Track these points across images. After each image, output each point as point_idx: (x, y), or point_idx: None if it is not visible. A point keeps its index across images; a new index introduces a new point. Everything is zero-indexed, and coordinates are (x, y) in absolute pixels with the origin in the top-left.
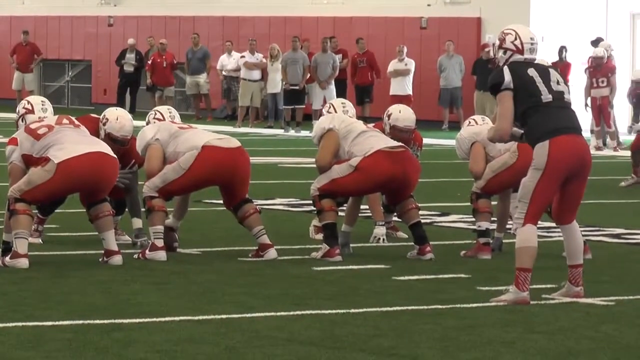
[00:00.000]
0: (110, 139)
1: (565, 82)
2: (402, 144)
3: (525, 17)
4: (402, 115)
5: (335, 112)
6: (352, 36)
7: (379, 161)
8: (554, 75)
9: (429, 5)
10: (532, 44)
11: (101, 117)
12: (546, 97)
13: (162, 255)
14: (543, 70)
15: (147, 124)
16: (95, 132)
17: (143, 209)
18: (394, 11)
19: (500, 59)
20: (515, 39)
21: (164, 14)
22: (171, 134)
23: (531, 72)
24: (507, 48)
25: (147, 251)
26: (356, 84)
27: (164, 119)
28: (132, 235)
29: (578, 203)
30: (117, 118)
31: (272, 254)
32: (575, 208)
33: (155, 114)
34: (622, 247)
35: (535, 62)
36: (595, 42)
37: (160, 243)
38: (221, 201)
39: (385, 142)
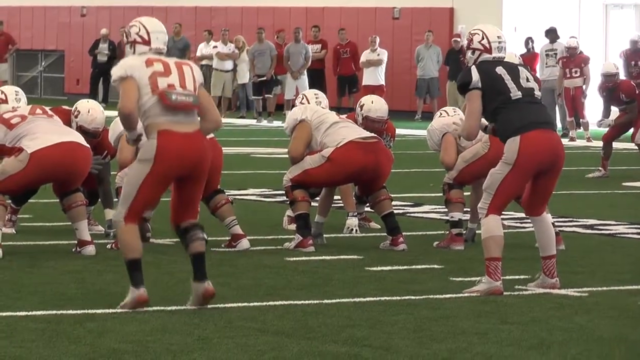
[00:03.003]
0: (82, 131)
1: (535, 79)
2: (375, 135)
3: (498, 8)
4: (375, 105)
5: (308, 102)
6: (324, 26)
7: (351, 152)
8: (523, 72)
9: None
10: (499, 42)
11: (73, 109)
12: (515, 94)
13: None
14: (512, 68)
15: None
16: (67, 124)
17: (115, 200)
18: (366, 1)
19: (469, 59)
20: (483, 38)
21: (137, 4)
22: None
23: (499, 70)
24: (475, 48)
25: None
26: (339, 74)
27: None
28: (105, 226)
29: (548, 196)
30: (89, 110)
31: (244, 244)
32: (545, 201)
33: None
34: (595, 238)
35: (504, 60)
36: (549, 32)
37: None
38: None
39: (357, 132)
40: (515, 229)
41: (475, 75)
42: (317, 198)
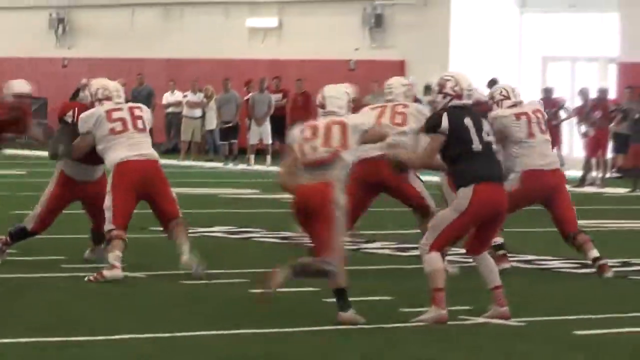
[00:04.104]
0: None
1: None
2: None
3: (445, 60)
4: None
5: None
6: (286, 77)
7: None
8: (486, 125)
9: (356, 49)
10: (469, 90)
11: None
12: (477, 146)
13: (119, 273)
14: (477, 121)
15: None
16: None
17: None
18: (325, 54)
19: (439, 103)
20: (456, 85)
21: (114, 56)
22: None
23: (467, 121)
24: (447, 93)
25: (104, 272)
26: (293, 120)
27: None
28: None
29: (491, 240)
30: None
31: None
32: (488, 244)
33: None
34: (533, 272)
35: (470, 107)
36: (491, 84)
37: (118, 264)
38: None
39: None
40: (459, 264)
41: (445, 122)
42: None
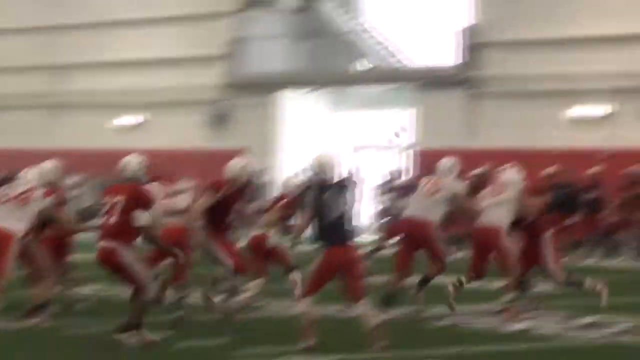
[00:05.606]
0: None
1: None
2: None
3: (276, 148)
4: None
5: None
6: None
7: None
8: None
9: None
10: (318, 169)
11: None
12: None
13: None
14: (337, 193)
15: None
16: None
17: None
18: (179, 145)
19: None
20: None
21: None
22: None
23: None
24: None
25: None
26: None
27: None
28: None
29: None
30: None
31: None
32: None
33: None
34: None
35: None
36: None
37: None
38: None
39: None
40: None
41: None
42: None
